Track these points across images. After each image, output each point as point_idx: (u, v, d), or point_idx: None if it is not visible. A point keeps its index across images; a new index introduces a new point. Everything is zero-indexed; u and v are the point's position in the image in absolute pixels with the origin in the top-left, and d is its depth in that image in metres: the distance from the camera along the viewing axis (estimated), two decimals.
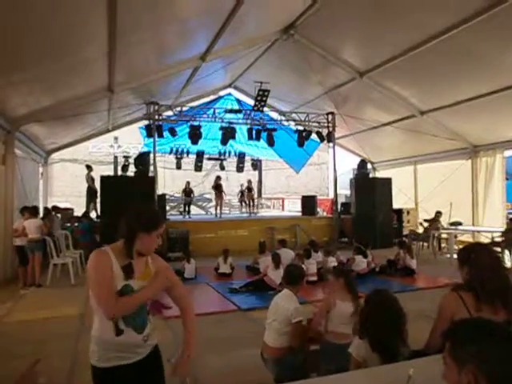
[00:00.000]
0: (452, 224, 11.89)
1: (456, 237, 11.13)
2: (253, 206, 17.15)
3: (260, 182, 21.80)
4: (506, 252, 9.35)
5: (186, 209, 16.75)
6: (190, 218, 15.84)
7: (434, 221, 11.74)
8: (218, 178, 16.28)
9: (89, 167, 13.36)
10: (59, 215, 11.13)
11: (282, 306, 3.42)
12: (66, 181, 20.86)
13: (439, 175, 13.13)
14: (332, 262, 8.12)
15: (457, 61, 8.68)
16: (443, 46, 8.22)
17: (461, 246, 2.74)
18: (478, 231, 11.43)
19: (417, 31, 8.38)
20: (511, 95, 8.97)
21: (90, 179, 13.14)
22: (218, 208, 16.08)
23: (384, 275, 8.47)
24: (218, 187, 15.96)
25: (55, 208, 11.11)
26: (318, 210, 16.30)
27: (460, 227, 11.66)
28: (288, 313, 3.34)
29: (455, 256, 2.56)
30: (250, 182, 17.33)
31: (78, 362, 4.03)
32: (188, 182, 16.90)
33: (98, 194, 11.68)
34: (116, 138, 21.54)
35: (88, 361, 2.01)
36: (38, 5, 5.10)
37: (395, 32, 8.59)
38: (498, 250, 9.15)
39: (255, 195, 17.79)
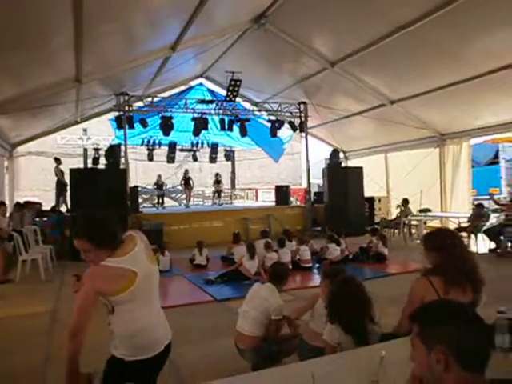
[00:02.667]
0: (421, 211, 12.23)
1: (425, 223, 11.45)
2: (219, 197, 18.03)
3: (233, 172, 21.78)
4: (472, 236, 9.69)
5: (160, 201, 16.86)
6: (164, 209, 15.93)
7: (403, 207, 12.06)
8: (186, 171, 17.14)
9: (57, 160, 12.99)
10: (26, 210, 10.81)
11: (265, 299, 3.46)
12: (33, 174, 20.25)
13: (409, 163, 13.40)
14: (305, 250, 8.23)
15: (423, 52, 8.86)
16: (410, 38, 8.38)
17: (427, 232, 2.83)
18: (446, 217, 11.80)
19: (385, 22, 8.49)
20: (474, 86, 9.23)
21: (60, 172, 12.79)
22: (188, 199, 16.97)
23: (356, 262, 8.64)
24: (186, 181, 16.73)
25: (27, 203, 10.79)
26: (292, 199, 16.44)
27: (429, 214, 12.00)
28: (271, 308, 3.40)
29: None
30: (217, 174, 18.05)
31: (51, 357, 3.96)
32: (159, 176, 17.08)
33: (68, 188, 11.41)
34: (85, 130, 21.00)
35: (62, 355, 1.99)
36: None
37: (365, 22, 8.67)
38: (465, 234, 9.49)
39: (222, 187, 18.51)
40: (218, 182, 17.93)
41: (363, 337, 2.42)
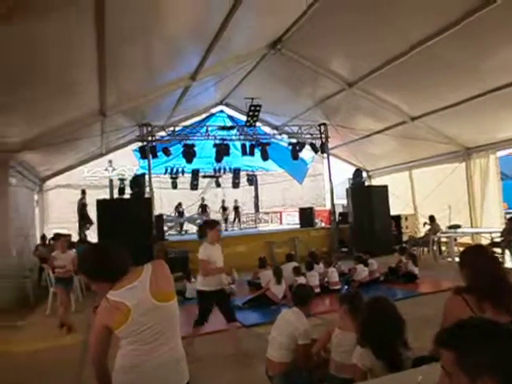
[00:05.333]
0: (451, 227, 11.89)
1: (456, 240, 11.11)
2: (226, 222, 18.66)
3: (256, 196, 21.81)
4: (507, 252, 9.33)
5: (181, 228, 17.40)
6: (187, 235, 16.19)
7: (429, 225, 11.76)
8: (203, 199, 18.05)
9: (83, 192, 13.37)
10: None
11: (291, 323, 3.39)
12: (62, 207, 20.71)
13: (435, 179, 13.15)
14: (333, 272, 8.09)
15: (441, 67, 8.80)
16: (427, 54, 8.37)
17: (461, 249, 2.74)
18: (477, 233, 11.43)
19: (401, 40, 8.52)
20: (496, 98, 9.09)
21: (81, 205, 13.10)
22: None
23: (386, 282, 8.43)
24: (203, 208, 17.53)
25: (57, 235, 11.05)
26: (316, 221, 16.28)
27: (459, 230, 11.65)
28: (296, 332, 3.32)
29: (456, 259, 2.56)
30: (223, 201, 18.86)
31: None
32: (179, 203, 17.67)
33: (94, 219, 11.62)
34: (110, 162, 21.52)
35: None
36: (24, 31, 5.11)
37: (380, 42, 8.71)
38: (499, 250, 9.16)
39: (229, 215, 19.06)
40: (224, 209, 18.36)
41: (396, 362, 2.29)
